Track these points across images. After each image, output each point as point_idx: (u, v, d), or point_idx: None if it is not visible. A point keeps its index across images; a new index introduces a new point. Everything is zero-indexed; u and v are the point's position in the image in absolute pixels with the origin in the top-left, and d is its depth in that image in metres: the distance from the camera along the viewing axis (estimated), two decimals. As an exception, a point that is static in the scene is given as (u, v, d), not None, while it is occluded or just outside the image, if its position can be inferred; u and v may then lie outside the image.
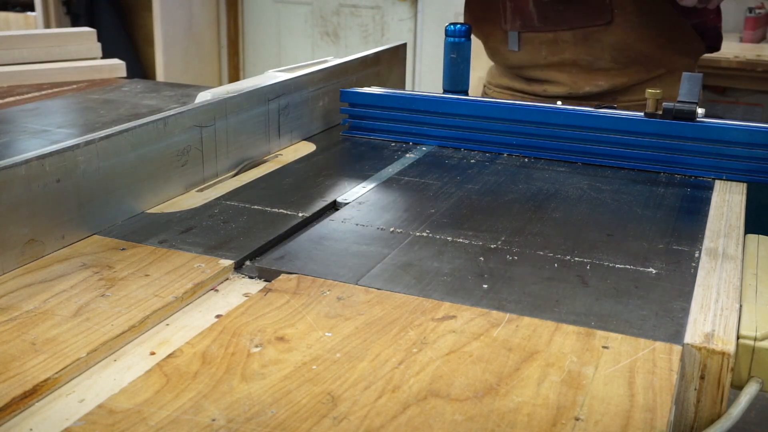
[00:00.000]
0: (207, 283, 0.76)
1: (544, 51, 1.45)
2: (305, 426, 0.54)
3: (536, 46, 1.46)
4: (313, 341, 0.65)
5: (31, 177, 0.79)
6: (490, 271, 0.79)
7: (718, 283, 0.77)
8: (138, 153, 0.93)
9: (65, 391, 0.59)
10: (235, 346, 0.64)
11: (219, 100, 1.07)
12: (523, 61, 1.49)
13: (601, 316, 0.70)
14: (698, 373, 0.65)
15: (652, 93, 1.12)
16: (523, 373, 0.61)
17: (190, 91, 1.61)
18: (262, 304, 0.71)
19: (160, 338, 0.67)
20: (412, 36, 4.08)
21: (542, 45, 1.45)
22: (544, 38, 1.44)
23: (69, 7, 4.27)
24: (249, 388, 0.58)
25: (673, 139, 1.11)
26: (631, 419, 0.55)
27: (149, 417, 0.54)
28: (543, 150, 1.18)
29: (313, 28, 4.33)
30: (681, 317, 0.70)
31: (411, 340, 0.65)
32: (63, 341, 0.64)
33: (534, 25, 1.42)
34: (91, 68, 1.78)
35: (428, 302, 0.72)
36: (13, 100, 1.53)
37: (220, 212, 0.94)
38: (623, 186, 1.07)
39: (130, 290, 0.73)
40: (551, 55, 1.43)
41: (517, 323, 0.68)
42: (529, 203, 1.00)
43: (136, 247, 0.83)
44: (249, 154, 1.13)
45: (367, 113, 1.29)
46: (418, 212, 0.95)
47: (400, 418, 0.55)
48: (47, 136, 1.27)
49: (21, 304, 0.70)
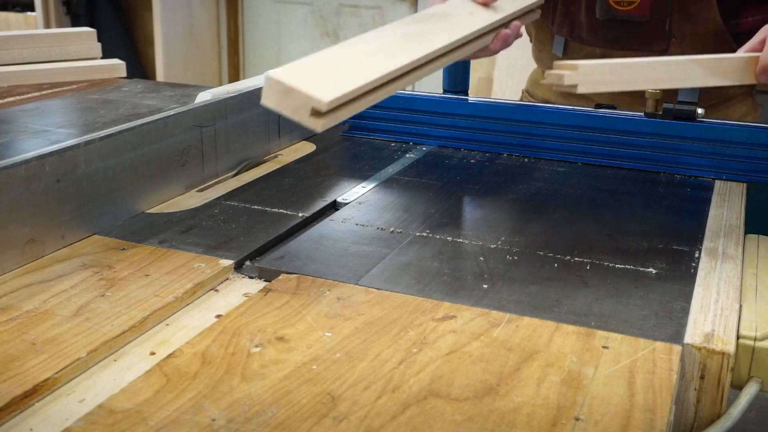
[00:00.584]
0: (207, 283, 0.76)
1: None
2: (305, 426, 0.54)
3: (584, 56, 1.34)
4: (313, 341, 0.65)
5: (31, 177, 0.79)
6: (490, 271, 0.79)
7: (718, 283, 0.77)
8: (138, 153, 0.93)
9: (65, 391, 0.59)
10: (235, 346, 0.64)
11: (219, 100, 1.07)
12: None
13: (601, 316, 0.70)
14: (698, 373, 0.65)
15: (652, 93, 1.12)
16: (523, 373, 0.61)
17: (190, 91, 1.61)
18: (262, 304, 0.71)
19: (160, 338, 0.67)
20: (412, 36, 4.07)
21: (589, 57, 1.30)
22: (590, 52, 1.33)
23: (69, 7, 4.26)
24: (249, 388, 0.58)
25: (673, 139, 1.11)
26: (631, 419, 0.55)
27: (149, 417, 0.54)
28: (543, 150, 1.18)
29: (313, 28, 4.33)
30: (681, 317, 0.70)
31: (411, 340, 0.65)
32: (63, 341, 0.64)
33: (582, 36, 1.32)
34: (91, 68, 1.78)
35: (428, 302, 0.72)
36: (13, 100, 1.53)
37: (220, 212, 0.94)
38: (623, 186, 1.07)
39: (130, 290, 0.73)
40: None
41: (517, 323, 0.68)
42: (529, 203, 1.00)
43: (136, 247, 0.83)
44: (249, 154, 1.13)
45: (367, 113, 1.29)
46: (418, 212, 0.95)
47: (400, 418, 0.55)
48: (47, 136, 1.27)
49: (21, 304, 0.70)
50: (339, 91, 0.68)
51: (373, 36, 0.83)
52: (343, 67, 0.73)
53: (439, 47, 0.84)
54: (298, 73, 0.69)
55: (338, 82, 0.70)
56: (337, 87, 0.69)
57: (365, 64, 0.74)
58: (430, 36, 0.86)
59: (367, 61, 0.75)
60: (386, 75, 0.75)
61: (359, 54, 0.77)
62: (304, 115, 0.67)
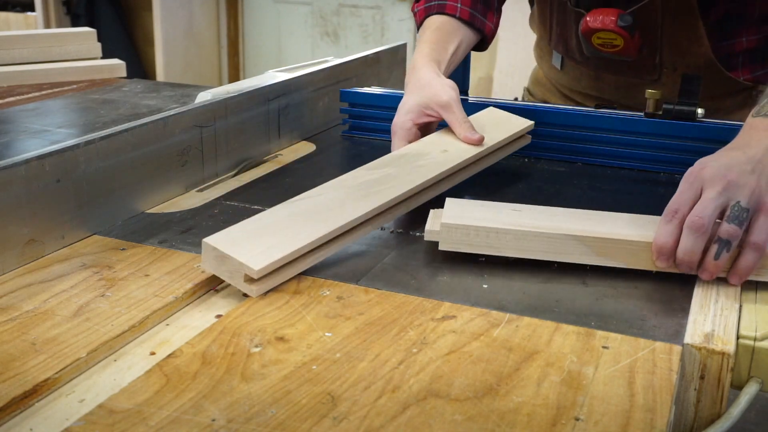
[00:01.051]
0: (207, 283, 0.76)
1: (584, 82, 1.36)
2: (305, 426, 0.54)
3: (577, 75, 1.36)
4: (313, 341, 0.65)
5: (31, 177, 0.79)
6: (490, 271, 0.79)
7: (718, 283, 0.77)
8: (138, 153, 0.93)
9: (65, 391, 0.59)
10: (235, 346, 0.64)
11: (219, 100, 1.07)
12: (562, 80, 1.41)
13: (601, 316, 0.70)
14: (698, 373, 0.65)
15: (652, 93, 1.12)
16: (523, 373, 0.61)
17: (190, 91, 1.61)
18: (262, 304, 0.71)
19: (160, 338, 0.67)
20: (412, 36, 4.08)
21: (583, 76, 1.36)
22: (585, 71, 1.34)
23: (69, 7, 4.27)
24: (249, 388, 0.58)
25: (673, 139, 1.11)
26: (631, 419, 0.55)
27: (149, 417, 0.54)
28: (543, 150, 1.18)
29: (313, 28, 4.33)
30: (681, 317, 0.70)
31: (411, 340, 0.65)
32: (63, 341, 0.64)
33: (576, 58, 1.32)
34: (91, 68, 1.78)
35: (428, 302, 0.72)
36: (13, 100, 1.53)
37: (220, 212, 0.94)
38: (623, 186, 1.07)
39: (130, 290, 0.73)
40: (591, 89, 1.35)
41: (517, 323, 0.68)
42: (529, 203, 0.99)
43: (136, 247, 0.83)
44: (249, 154, 1.13)
45: (367, 113, 1.29)
46: (418, 212, 0.95)
47: (400, 418, 0.55)
48: (47, 136, 1.27)
49: (21, 304, 0.70)
50: (271, 257, 0.71)
51: (326, 188, 0.84)
52: (280, 230, 0.75)
53: (395, 196, 0.84)
54: (231, 239, 0.73)
55: (271, 248, 0.72)
56: (269, 253, 0.71)
57: (305, 225, 0.76)
58: (390, 183, 0.86)
59: (308, 221, 0.77)
60: (329, 234, 0.76)
61: (302, 213, 0.78)
62: (238, 280, 0.71)
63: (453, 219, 0.80)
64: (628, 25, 1.14)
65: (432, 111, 1.01)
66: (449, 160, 0.94)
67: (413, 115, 1.01)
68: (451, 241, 0.80)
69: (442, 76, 1.04)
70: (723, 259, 0.74)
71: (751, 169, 0.76)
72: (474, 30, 1.16)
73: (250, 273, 0.70)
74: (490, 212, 0.82)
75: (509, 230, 0.79)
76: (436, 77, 1.03)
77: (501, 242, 0.79)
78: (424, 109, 1.01)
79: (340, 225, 0.77)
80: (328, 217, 0.78)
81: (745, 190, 0.74)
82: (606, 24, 1.14)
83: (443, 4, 1.15)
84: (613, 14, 1.14)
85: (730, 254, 0.74)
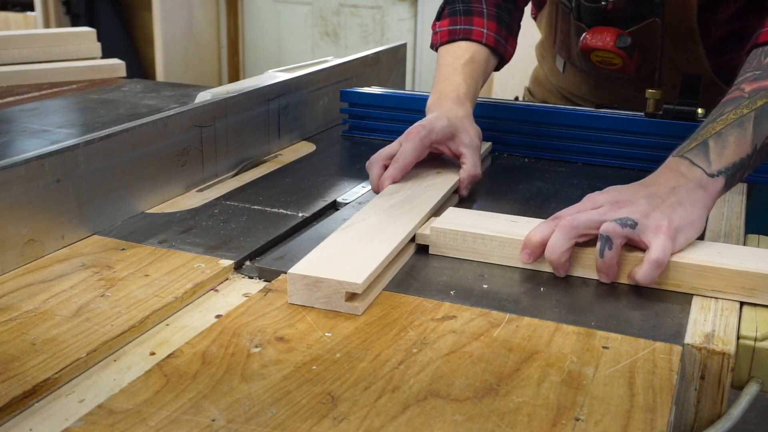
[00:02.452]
0: (207, 283, 0.76)
1: (584, 89, 1.36)
2: (305, 426, 0.54)
3: (578, 81, 1.37)
4: (313, 341, 0.65)
5: (30, 177, 0.79)
6: (490, 271, 0.79)
7: (719, 283, 0.76)
8: (138, 153, 0.93)
9: (65, 391, 0.59)
10: (235, 346, 0.64)
11: (219, 100, 1.07)
12: (563, 83, 1.41)
13: (601, 316, 0.70)
14: (698, 374, 0.65)
15: (652, 93, 1.12)
16: (523, 373, 0.61)
17: (190, 91, 1.61)
18: (262, 304, 0.71)
19: (160, 338, 0.67)
20: (412, 36, 4.08)
21: (583, 83, 1.36)
22: (586, 79, 1.35)
23: (69, 7, 4.27)
24: (249, 388, 0.58)
25: (673, 139, 1.11)
26: (631, 419, 0.55)
27: (149, 417, 0.54)
28: (543, 150, 1.18)
29: (313, 28, 4.33)
30: (681, 317, 0.70)
31: (411, 340, 0.65)
32: (63, 341, 0.64)
33: (577, 65, 1.32)
34: (91, 68, 1.78)
35: (428, 302, 0.72)
36: (13, 100, 1.53)
37: (220, 212, 0.94)
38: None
39: (130, 290, 0.73)
40: (592, 96, 1.36)
41: (517, 323, 0.68)
42: (529, 203, 0.99)
43: (136, 247, 0.83)
44: (249, 154, 1.13)
45: (367, 113, 1.29)
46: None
47: (400, 418, 0.55)
48: (47, 136, 1.27)
49: (21, 304, 0.70)
50: (367, 270, 0.71)
51: (367, 213, 0.85)
52: (354, 251, 0.75)
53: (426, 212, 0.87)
54: (316, 265, 0.72)
55: (359, 264, 0.72)
56: (362, 268, 0.71)
57: (373, 244, 0.77)
58: (413, 203, 0.89)
59: (372, 241, 0.78)
60: (396, 248, 0.78)
61: (363, 235, 0.79)
62: (338, 302, 0.70)
63: (443, 224, 0.82)
64: (626, 46, 1.14)
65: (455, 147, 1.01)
66: (450, 178, 0.98)
67: (439, 136, 1.00)
68: (440, 245, 0.82)
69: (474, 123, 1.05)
70: (609, 257, 0.74)
71: (647, 201, 0.77)
72: (496, 55, 1.18)
73: (354, 289, 0.69)
74: (483, 221, 0.84)
75: (495, 237, 0.80)
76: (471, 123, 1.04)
77: (487, 248, 0.80)
78: (448, 140, 1.01)
79: (401, 239, 0.79)
80: (385, 237, 0.79)
81: (633, 208, 0.76)
82: (605, 44, 1.15)
83: (470, 29, 1.15)
84: (613, 34, 1.15)
85: (614, 253, 0.74)
